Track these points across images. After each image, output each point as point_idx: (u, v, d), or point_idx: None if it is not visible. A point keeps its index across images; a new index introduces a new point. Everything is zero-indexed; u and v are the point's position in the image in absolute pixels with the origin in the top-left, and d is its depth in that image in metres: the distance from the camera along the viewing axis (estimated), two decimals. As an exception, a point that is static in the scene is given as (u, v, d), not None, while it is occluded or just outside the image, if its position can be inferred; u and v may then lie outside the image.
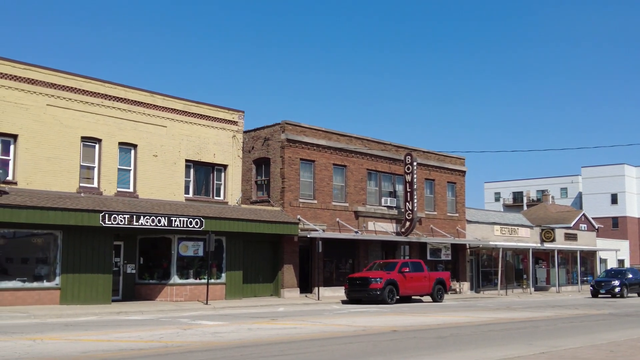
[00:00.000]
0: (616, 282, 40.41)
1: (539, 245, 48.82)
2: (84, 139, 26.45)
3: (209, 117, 30.73)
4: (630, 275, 42.10)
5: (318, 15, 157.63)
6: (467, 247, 43.44)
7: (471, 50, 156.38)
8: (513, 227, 48.86)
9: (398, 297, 30.79)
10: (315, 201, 34.21)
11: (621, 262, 61.48)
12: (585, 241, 56.31)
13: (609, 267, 59.57)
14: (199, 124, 30.30)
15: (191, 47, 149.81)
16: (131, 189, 27.73)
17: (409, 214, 38.03)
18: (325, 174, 34.95)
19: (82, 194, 25.62)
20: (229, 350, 12.45)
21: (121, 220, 24.69)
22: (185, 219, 26.70)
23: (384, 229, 37.76)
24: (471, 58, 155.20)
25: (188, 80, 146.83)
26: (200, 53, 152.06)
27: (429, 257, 40.24)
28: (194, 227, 26.93)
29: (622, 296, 39.87)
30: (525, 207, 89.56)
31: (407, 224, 38.18)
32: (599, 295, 40.88)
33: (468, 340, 14.86)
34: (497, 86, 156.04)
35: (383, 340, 14.52)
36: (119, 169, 27.44)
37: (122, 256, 27.79)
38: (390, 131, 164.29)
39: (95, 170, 26.75)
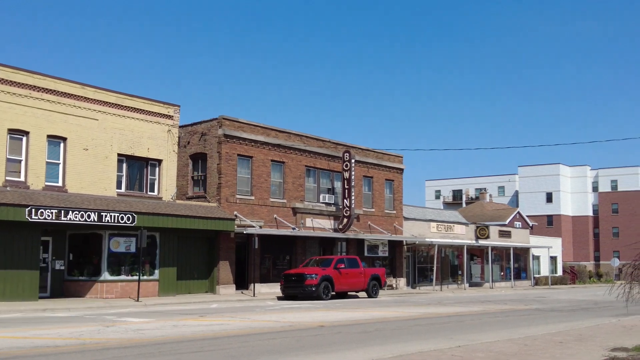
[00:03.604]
0: None
1: (474, 242, 49.98)
2: (11, 131, 25.59)
3: (144, 110, 30.18)
4: None
5: (255, 8, 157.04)
6: (404, 243, 44.07)
7: (408, 45, 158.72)
8: (449, 224, 49.84)
9: (333, 293, 30.97)
10: (253, 197, 34.08)
11: (553, 258, 63.51)
12: (519, 238, 57.92)
13: (541, 264, 61.58)
14: (133, 118, 29.72)
15: (127, 40, 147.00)
16: (60, 183, 26.99)
17: (347, 210, 38.32)
18: (263, 170, 34.84)
19: (7, 188, 24.79)
20: (147, 347, 12.28)
21: (48, 215, 24.01)
22: (116, 215, 26.17)
23: (321, 226, 37.92)
24: (410, 54, 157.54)
25: (124, 74, 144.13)
26: (137, 46, 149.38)
27: (366, 254, 40.64)
28: (125, 222, 26.42)
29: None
30: (464, 205, 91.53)
31: (345, 220, 38.46)
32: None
33: (391, 335, 15.10)
34: (439, 84, 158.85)
35: (308, 336, 14.59)
36: (48, 163, 26.65)
37: (51, 252, 27.03)
38: (330, 128, 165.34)
39: (23, 163, 25.91)
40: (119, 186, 29.22)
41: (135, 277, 27.19)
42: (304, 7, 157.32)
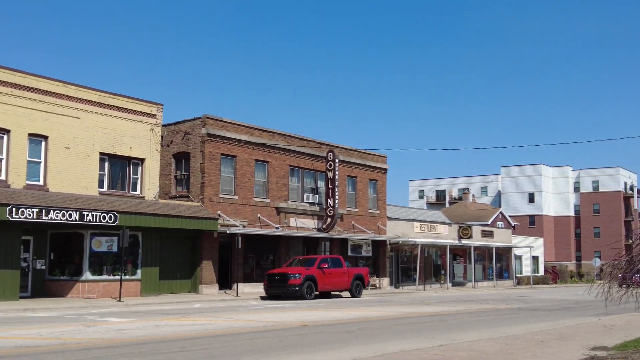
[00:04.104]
0: None
1: (457, 241, 50.23)
2: (-9, 129, 25.32)
3: (126, 109, 29.98)
4: None
5: (240, 8, 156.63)
6: (388, 243, 44.18)
7: (391, 47, 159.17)
8: (432, 224, 50.04)
9: (317, 292, 30.97)
10: (236, 197, 33.99)
11: (535, 258, 64.02)
12: (501, 238, 58.31)
13: (524, 264, 62.03)
14: (115, 116, 29.51)
15: (110, 39, 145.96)
16: (41, 182, 26.72)
17: (331, 210, 38.34)
18: (247, 169, 34.76)
19: (-13, 187, 24.51)
20: (128, 347, 12.21)
21: (29, 215, 23.77)
22: (98, 214, 25.97)
23: (305, 225, 37.91)
24: (393, 55, 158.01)
25: (107, 73, 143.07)
26: (120, 44, 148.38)
27: (350, 253, 40.69)
28: (107, 222, 26.22)
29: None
30: (447, 205, 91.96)
31: (329, 220, 38.48)
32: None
33: (374, 334, 15.13)
34: (423, 85, 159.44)
35: (291, 335, 14.59)
36: (29, 161, 26.36)
37: (32, 251, 26.75)
38: (314, 128, 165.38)
39: (3, 162, 25.62)
40: (101, 185, 29.00)
41: (117, 277, 27.01)
42: (288, 8, 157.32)
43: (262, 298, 30.77)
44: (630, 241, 11.29)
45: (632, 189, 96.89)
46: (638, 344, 12.89)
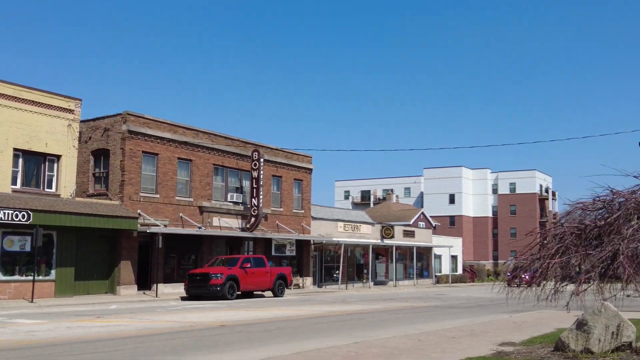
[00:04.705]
0: None
1: (379, 241, 51.11)
2: None
3: (42, 104, 28.88)
4: None
5: (161, 2, 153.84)
6: (312, 242, 44.44)
7: (316, 46, 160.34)
8: (356, 224, 50.70)
9: (239, 292, 30.79)
10: (158, 195, 33.36)
11: (454, 257, 65.91)
12: (422, 238, 59.75)
13: (443, 263, 63.76)
14: (31, 111, 28.38)
15: (29, 33, 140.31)
16: (-52, 178, 25.41)
17: (255, 210, 38.22)
18: (170, 167, 34.19)
19: None
20: (37, 349, 11.81)
21: None
22: (10, 212, 24.92)
23: (229, 225, 37.64)
24: (318, 56, 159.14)
25: (25, 67, 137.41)
26: (39, 39, 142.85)
27: (273, 253, 40.67)
28: (20, 220, 25.21)
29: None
30: (372, 205, 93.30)
31: (253, 219, 38.35)
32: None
33: (293, 333, 15.20)
34: (348, 86, 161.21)
35: (208, 335, 14.47)
36: None
37: (-63, 251, 25.41)
38: (240, 127, 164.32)
39: None
40: (14, 182, 27.83)
41: (30, 278, 25.99)
42: (212, 5, 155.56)
43: (183, 299, 30.32)
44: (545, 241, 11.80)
45: (547, 191, 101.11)
46: (544, 339, 13.43)
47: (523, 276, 11.82)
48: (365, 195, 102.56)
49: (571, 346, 11.19)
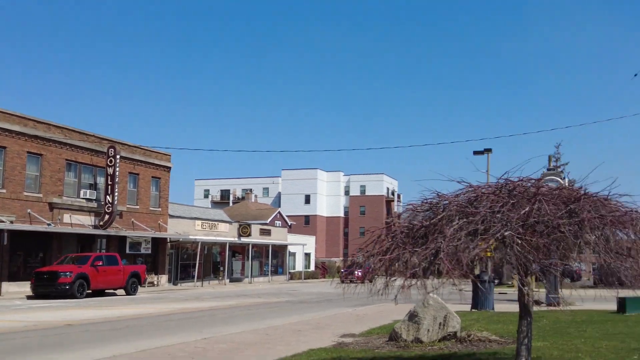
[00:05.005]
0: None
1: (237, 239, 51.89)
2: None
3: None
4: None
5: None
6: (168, 240, 44.26)
7: (180, 47, 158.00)
8: (214, 222, 51.11)
9: (90, 291, 30.17)
10: (4, 190, 31.87)
11: (308, 255, 68.20)
12: (278, 236, 61.32)
13: (297, 260, 65.78)
14: None
15: None
16: None
17: (109, 207, 37.52)
18: (18, 162, 32.76)
19: None
20: None
21: None
22: None
23: (81, 222, 36.66)
24: (178, 57, 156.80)
25: None
26: None
27: (128, 251, 40.09)
28: None
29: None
30: (231, 204, 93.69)
31: (107, 217, 37.62)
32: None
33: (141, 331, 15.42)
34: (207, 87, 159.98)
35: (52, 335, 14.35)
36: None
37: None
38: (96, 123, 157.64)
39: None
40: None
41: None
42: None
43: (29, 297, 29.27)
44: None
45: (393, 193, 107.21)
46: (381, 330, 14.67)
47: (356, 273, 13.12)
48: (225, 194, 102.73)
49: (403, 336, 12.22)
